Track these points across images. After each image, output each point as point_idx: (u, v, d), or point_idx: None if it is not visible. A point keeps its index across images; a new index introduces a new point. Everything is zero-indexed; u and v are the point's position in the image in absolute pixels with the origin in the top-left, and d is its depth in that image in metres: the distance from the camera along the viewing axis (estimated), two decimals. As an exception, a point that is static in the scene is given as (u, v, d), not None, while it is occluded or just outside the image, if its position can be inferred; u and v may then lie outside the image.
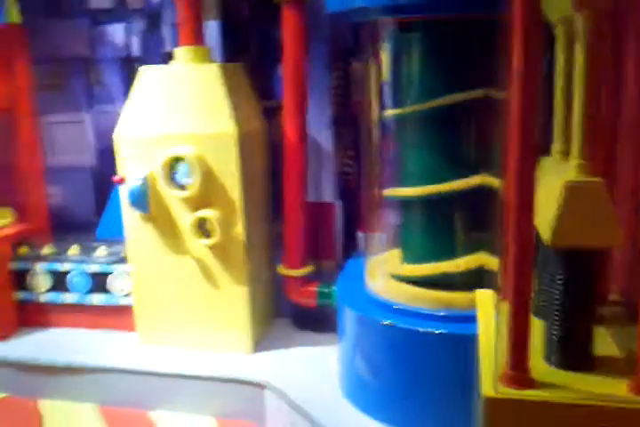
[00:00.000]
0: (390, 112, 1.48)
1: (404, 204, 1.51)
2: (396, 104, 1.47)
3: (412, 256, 1.52)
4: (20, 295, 2.04)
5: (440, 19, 1.35)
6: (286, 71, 1.75)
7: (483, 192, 1.41)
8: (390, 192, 1.53)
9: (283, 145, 1.79)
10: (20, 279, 2.03)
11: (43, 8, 2.23)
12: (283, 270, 1.85)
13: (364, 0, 1.36)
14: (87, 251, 2.00)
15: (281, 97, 1.79)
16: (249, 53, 2.32)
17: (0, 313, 1.99)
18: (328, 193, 2.00)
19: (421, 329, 1.36)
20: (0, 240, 2.01)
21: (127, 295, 1.94)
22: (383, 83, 1.52)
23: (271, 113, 1.94)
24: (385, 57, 1.49)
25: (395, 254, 1.56)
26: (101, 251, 1.99)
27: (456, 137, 1.43)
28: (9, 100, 2.06)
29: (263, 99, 1.97)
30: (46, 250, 2.03)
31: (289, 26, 1.72)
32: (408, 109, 1.44)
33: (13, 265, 2.03)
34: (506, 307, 0.90)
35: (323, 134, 1.98)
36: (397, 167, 1.51)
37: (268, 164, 1.94)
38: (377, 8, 1.39)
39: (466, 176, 1.42)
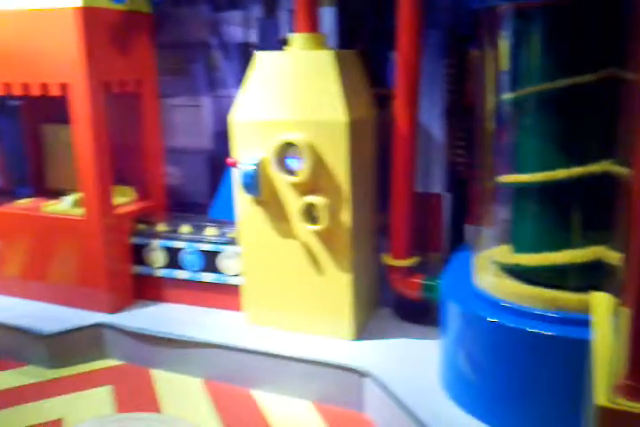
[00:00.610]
0: (508, 96, 1.43)
1: (518, 191, 1.45)
2: (515, 89, 1.42)
3: (523, 245, 1.46)
4: (138, 269, 2.17)
5: (561, 3, 1.29)
6: (399, 59, 1.73)
7: (605, 181, 1.32)
8: (505, 178, 1.47)
9: (393, 133, 1.77)
10: (138, 254, 2.16)
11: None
12: (388, 260, 1.84)
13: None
14: (199, 230, 2.09)
15: (393, 85, 1.77)
16: (363, 40, 2.31)
17: (119, 285, 2.13)
18: (437, 184, 1.97)
19: (529, 329, 1.31)
20: (122, 216, 2.14)
21: (236, 275, 2.01)
22: (501, 69, 1.47)
23: (383, 101, 1.93)
24: (504, 42, 1.44)
25: (504, 249, 1.51)
26: (213, 231, 2.07)
27: (576, 121, 1.34)
28: (137, 84, 2.17)
29: (375, 86, 1.96)
30: (162, 227, 2.14)
31: (404, 12, 1.69)
32: (526, 91, 1.38)
33: (133, 240, 2.16)
34: (626, 313, 0.85)
35: (434, 124, 1.94)
36: (513, 154, 1.45)
37: (378, 152, 1.93)
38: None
39: (586, 163, 1.33)
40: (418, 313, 1.90)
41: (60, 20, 1.91)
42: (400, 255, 1.82)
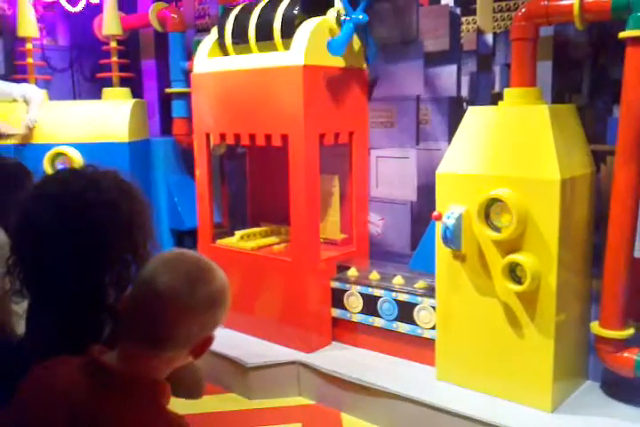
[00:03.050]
0: None
1: None
2: None
3: None
4: (335, 312, 2.24)
5: None
6: (624, 114, 1.63)
7: None
8: None
9: (611, 194, 1.66)
10: (337, 298, 2.23)
11: (385, 52, 2.42)
12: (597, 329, 1.70)
13: None
14: (397, 280, 2.10)
15: (615, 141, 1.66)
16: (581, 93, 2.21)
17: (318, 326, 2.21)
18: (661, 251, 1.78)
19: None
20: (326, 260, 2.24)
21: (430, 328, 1.98)
22: None
23: (601, 158, 1.82)
24: None
25: None
26: (410, 282, 2.07)
27: None
28: (349, 136, 2.29)
29: (593, 142, 1.85)
30: (362, 274, 2.20)
31: (634, 64, 1.59)
32: None
33: (333, 284, 2.24)
34: None
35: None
36: None
37: (593, 213, 1.81)
38: None
39: None
40: (630, 392, 1.71)
41: (284, 77, 2.10)
42: (611, 325, 1.67)
